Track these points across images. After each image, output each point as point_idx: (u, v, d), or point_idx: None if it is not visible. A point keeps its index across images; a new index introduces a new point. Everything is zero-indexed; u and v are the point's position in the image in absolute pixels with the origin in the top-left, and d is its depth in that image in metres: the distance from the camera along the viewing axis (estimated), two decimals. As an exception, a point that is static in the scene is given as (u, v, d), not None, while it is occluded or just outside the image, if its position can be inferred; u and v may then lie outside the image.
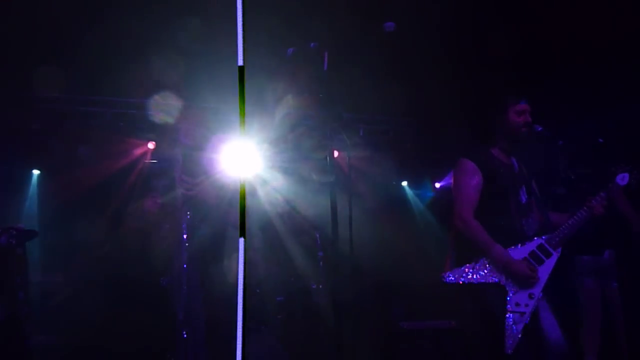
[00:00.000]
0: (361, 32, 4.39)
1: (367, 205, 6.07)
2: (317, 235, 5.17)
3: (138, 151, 5.43)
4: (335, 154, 5.68)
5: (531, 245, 2.77)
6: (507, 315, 2.62)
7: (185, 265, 3.80)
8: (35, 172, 5.27)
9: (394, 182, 6.41)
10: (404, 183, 6.49)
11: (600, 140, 2.49)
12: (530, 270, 2.67)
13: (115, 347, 4.64)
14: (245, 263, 1.28)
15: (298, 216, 5.75)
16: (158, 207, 4.24)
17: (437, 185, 6.40)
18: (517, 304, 2.64)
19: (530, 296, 2.66)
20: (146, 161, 5.52)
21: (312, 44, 1.86)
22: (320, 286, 4.91)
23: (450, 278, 2.75)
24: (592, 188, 2.82)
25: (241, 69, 1.38)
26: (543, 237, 2.79)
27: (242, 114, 1.41)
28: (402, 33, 4.31)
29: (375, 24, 4.27)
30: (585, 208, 2.79)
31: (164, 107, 4.45)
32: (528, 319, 2.63)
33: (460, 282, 2.72)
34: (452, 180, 2.96)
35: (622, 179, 2.78)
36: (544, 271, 2.72)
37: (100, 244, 5.00)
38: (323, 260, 5.02)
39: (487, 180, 2.79)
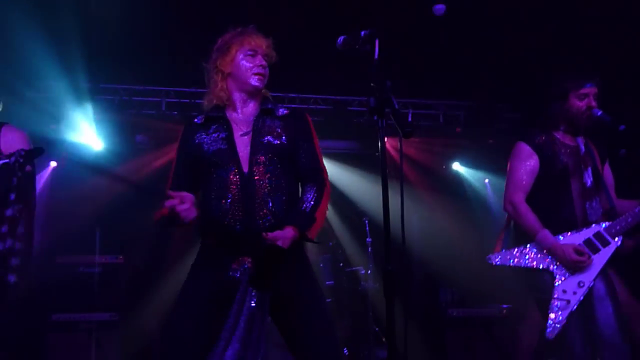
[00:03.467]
0: (410, 14, 4.33)
1: (417, 190, 6.03)
2: (366, 222, 5.19)
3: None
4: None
5: (588, 232, 2.64)
6: (552, 302, 2.54)
7: None
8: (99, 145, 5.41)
9: (444, 167, 6.28)
10: (456, 165, 6.30)
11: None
12: (578, 254, 2.55)
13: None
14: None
15: (348, 202, 5.79)
16: None
17: (486, 181, 6.21)
18: (565, 291, 2.55)
19: (580, 284, 2.55)
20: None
21: (362, 32, 1.84)
22: (369, 272, 4.94)
23: (496, 261, 2.72)
24: None
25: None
26: (603, 225, 2.66)
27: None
28: (452, 15, 4.24)
29: (425, 6, 4.23)
30: None
31: None
32: (575, 306, 2.53)
33: (507, 265, 2.67)
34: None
35: None
36: (599, 260, 2.58)
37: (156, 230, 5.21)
38: (372, 246, 5.03)
39: (545, 163, 2.70)
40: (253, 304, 1.92)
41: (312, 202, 2.09)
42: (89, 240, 5.02)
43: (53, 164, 5.39)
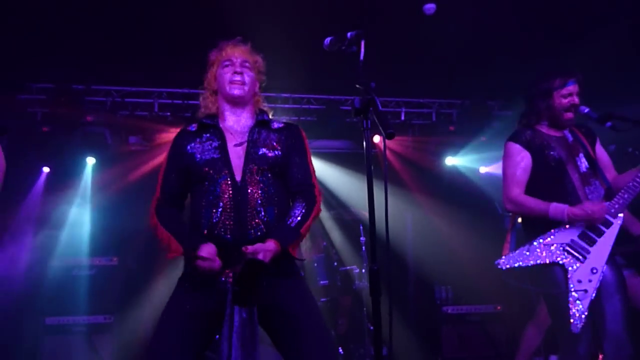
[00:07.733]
0: (402, 14, 4.34)
1: (411, 189, 6.04)
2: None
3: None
4: (377, 138, 5.73)
5: None
6: (570, 295, 2.48)
7: None
8: (90, 160, 5.50)
9: (437, 165, 6.29)
10: (449, 161, 6.25)
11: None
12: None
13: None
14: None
15: (341, 202, 5.80)
16: None
17: (482, 170, 6.22)
18: (580, 281, 2.50)
19: (593, 271, 2.50)
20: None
21: (349, 33, 1.85)
22: (363, 271, 4.95)
23: (504, 265, 2.62)
24: None
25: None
26: None
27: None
28: (443, 14, 4.25)
29: (416, 5, 4.23)
30: None
31: None
32: (593, 294, 2.48)
33: (516, 266, 2.59)
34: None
35: None
36: (606, 242, 2.54)
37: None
38: (365, 245, 5.04)
39: (537, 157, 2.71)
40: (244, 315, 1.90)
41: (299, 218, 2.06)
42: (83, 243, 5.02)
43: (46, 169, 5.39)
